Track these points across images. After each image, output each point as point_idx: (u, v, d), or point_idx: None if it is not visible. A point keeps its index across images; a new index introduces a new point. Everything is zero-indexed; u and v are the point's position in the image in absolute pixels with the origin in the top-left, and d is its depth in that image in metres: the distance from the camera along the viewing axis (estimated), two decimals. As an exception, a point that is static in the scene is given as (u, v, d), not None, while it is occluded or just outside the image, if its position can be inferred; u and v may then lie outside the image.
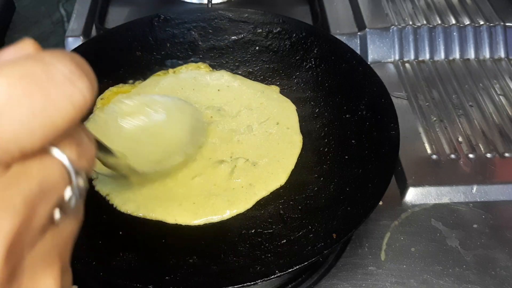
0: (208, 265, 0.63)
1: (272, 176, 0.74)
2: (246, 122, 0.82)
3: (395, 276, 0.70)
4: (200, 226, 0.69)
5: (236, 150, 0.77)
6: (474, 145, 0.86)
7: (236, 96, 0.86)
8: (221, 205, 0.70)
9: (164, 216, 0.68)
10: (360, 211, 0.66)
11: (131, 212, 0.69)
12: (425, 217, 0.77)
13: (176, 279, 0.60)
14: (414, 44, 1.05)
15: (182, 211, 0.69)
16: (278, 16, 0.95)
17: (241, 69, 0.93)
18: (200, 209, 0.69)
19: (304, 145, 0.80)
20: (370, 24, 1.06)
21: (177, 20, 0.96)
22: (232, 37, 0.95)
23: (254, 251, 0.64)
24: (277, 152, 0.77)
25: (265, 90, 0.88)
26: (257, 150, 0.77)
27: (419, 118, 0.91)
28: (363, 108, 0.80)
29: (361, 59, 0.87)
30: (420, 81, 0.99)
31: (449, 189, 0.79)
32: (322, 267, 0.71)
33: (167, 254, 0.64)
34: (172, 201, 0.70)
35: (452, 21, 1.07)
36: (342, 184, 0.72)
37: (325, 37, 0.92)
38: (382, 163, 0.71)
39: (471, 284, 0.69)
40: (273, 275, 0.59)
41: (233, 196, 0.71)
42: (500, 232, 0.75)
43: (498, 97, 0.96)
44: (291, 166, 0.76)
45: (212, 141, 0.78)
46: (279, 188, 0.74)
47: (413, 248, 0.73)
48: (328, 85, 0.86)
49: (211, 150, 0.77)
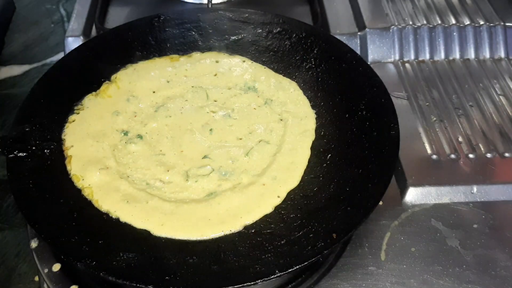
0: (208, 265, 0.63)
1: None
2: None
3: (395, 276, 0.70)
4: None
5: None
6: (474, 145, 0.86)
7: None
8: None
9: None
10: (360, 211, 0.66)
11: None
12: (425, 217, 0.77)
13: (176, 279, 0.60)
14: (414, 44, 1.05)
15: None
16: (278, 16, 0.95)
17: (241, 69, 0.93)
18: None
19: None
20: (370, 24, 1.06)
21: (177, 20, 0.96)
22: (232, 37, 0.95)
23: (254, 251, 0.64)
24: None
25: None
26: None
27: (419, 118, 0.91)
28: (363, 108, 0.80)
29: (361, 59, 0.87)
30: (420, 81, 0.99)
31: (449, 189, 0.79)
32: (322, 267, 0.71)
33: (167, 254, 0.64)
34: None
35: (452, 21, 1.07)
36: (342, 184, 0.72)
37: (325, 37, 0.92)
38: (382, 163, 0.71)
39: (471, 284, 0.69)
40: (273, 275, 0.59)
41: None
42: (500, 232, 0.75)
43: (498, 97, 0.96)
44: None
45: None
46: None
47: (413, 248, 0.73)
48: (328, 85, 0.86)
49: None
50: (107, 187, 0.73)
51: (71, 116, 0.82)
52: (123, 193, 0.72)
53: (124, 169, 0.76)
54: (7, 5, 1.30)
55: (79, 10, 1.10)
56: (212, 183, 0.74)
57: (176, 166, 0.76)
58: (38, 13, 1.33)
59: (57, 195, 0.70)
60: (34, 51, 1.22)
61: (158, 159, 0.77)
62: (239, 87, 0.89)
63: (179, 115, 0.84)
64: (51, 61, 1.19)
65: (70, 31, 1.05)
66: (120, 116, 0.83)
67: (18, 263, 0.81)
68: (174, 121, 0.83)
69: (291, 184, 0.74)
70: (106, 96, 0.85)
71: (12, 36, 1.26)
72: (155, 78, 0.89)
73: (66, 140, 0.78)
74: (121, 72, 0.89)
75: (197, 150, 0.79)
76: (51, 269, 0.71)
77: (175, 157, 0.78)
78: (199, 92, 0.87)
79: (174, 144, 0.80)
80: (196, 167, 0.76)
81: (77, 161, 0.75)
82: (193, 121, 0.83)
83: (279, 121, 0.83)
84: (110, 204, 0.70)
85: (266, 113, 0.84)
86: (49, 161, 0.75)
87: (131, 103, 0.85)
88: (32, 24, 1.29)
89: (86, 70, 0.88)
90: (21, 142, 0.75)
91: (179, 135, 0.81)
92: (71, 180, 0.73)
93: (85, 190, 0.72)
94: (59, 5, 1.35)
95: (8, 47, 1.23)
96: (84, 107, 0.83)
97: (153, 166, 0.76)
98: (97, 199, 0.71)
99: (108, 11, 1.14)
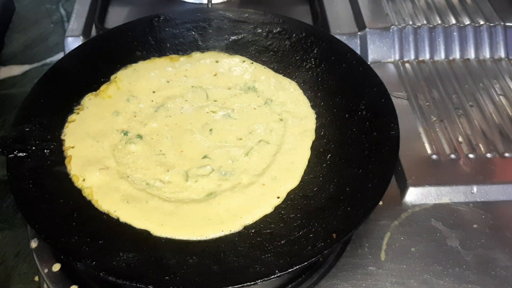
0: (208, 265, 0.63)
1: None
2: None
3: (395, 276, 0.70)
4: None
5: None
6: (474, 145, 0.86)
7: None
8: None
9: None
10: (360, 211, 0.66)
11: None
12: (425, 217, 0.77)
13: (176, 279, 0.60)
14: (414, 44, 1.05)
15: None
16: (278, 16, 0.95)
17: (241, 69, 0.93)
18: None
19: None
20: (370, 24, 1.06)
21: (177, 20, 0.96)
22: (232, 37, 0.95)
23: (254, 251, 0.64)
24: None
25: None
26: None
27: (419, 118, 0.91)
28: (363, 108, 0.80)
29: (361, 59, 0.87)
30: (420, 81, 0.99)
31: (449, 189, 0.79)
32: (322, 267, 0.71)
33: (167, 254, 0.64)
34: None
35: (452, 21, 1.07)
36: (342, 184, 0.72)
37: (325, 37, 0.92)
38: (382, 163, 0.71)
39: (471, 284, 0.69)
40: (273, 275, 0.59)
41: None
42: (500, 232, 0.75)
43: (498, 97, 0.96)
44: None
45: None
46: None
47: (413, 248, 0.73)
48: (328, 85, 0.86)
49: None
50: (107, 187, 0.73)
51: (71, 116, 0.82)
52: (123, 193, 0.72)
53: (124, 169, 0.76)
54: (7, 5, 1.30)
55: (79, 10, 1.10)
56: (212, 183, 0.74)
57: (176, 166, 0.76)
58: (38, 13, 1.33)
59: (57, 195, 0.70)
60: (34, 51, 1.22)
61: (158, 159, 0.77)
62: (239, 87, 0.89)
63: (179, 115, 0.84)
64: (51, 61, 1.19)
65: (70, 31, 1.05)
66: (120, 116, 0.83)
67: (18, 263, 0.82)
68: (174, 121, 0.83)
69: (291, 184, 0.74)
70: (106, 96, 0.85)
71: (12, 36, 1.26)
72: (155, 78, 0.89)
73: (66, 140, 0.78)
74: (121, 72, 0.89)
75: (197, 150, 0.79)
76: (51, 269, 0.71)
77: (175, 157, 0.78)
78: (199, 92, 0.87)
79: (174, 144, 0.80)
80: (196, 167, 0.76)
81: (77, 161, 0.75)
82: (193, 121, 0.83)
83: (279, 121, 0.83)
84: (110, 204, 0.70)
85: (266, 113, 0.84)
86: (49, 161, 0.75)
87: (131, 103, 0.85)
88: (32, 24, 1.29)
89: (86, 70, 0.88)
90: (21, 142, 0.75)
91: (179, 135, 0.81)
92: (71, 180, 0.73)
93: (85, 190, 0.72)
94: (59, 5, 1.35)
95: (8, 47, 1.23)
96: (84, 107, 0.83)
97: (153, 166, 0.76)
98: (97, 199, 0.71)
99: (108, 11, 1.14)
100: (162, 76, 0.90)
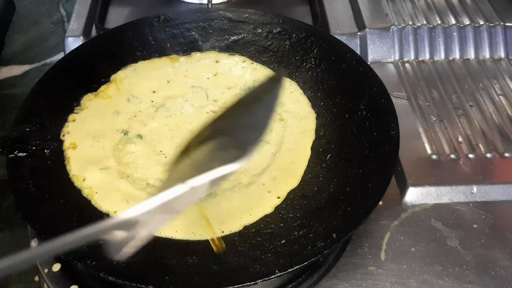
0: (208, 265, 0.63)
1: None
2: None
3: (395, 276, 0.70)
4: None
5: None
6: (474, 145, 0.86)
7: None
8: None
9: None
10: (360, 211, 0.66)
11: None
12: (425, 217, 0.77)
13: (176, 279, 0.60)
14: (414, 44, 1.05)
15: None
16: (278, 16, 0.95)
17: (241, 69, 0.93)
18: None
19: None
20: (370, 24, 1.06)
21: (177, 20, 0.96)
22: (232, 37, 0.95)
23: (254, 251, 0.64)
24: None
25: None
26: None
27: (419, 118, 0.91)
28: (363, 108, 0.80)
29: (361, 59, 0.87)
30: (420, 81, 0.99)
31: (449, 189, 0.79)
32: (322, 267, 0.71)
33: (167, 254, 0.64)
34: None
35: (452, 21, 1.07)
36: (342, 184, 0.72)
37: (325, 37, 0.92)
38: (382, 163, 0.71)
39: (471, 284, 0.69)
40: (273, 275, 0.59)
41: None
42: (500, 232, 0.75)
43: (498, 97, 0.96)
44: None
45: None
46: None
47: (413, 248, 0.73)
48: (328, 85, 0.86)
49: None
50: (107, 187, 0.73)
51: (71, 116, 0.82)
52: (123, 193, 0.72)
53: (124, 169, 0.76)
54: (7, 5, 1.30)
55: (79, 10, 1.10)
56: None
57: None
58: (38, 13, 1.33)
59: (57, 195, 0.70)
60: (34, 51, 1.22)
61: (158, 159, 0.77)
62: (239, 87, 0.89)
63: (179, 115, 0.84)
64: (51, 61, 1.19)
65: (70, 31, 1.05)
66: (120, 116, 0.83)
67: (18, 263, 0.81)
68: (175, 121, 0.83)
69: (291, 184, 0.74)
70: (106, 96, 0.86)
71: (12, 36, 1.26)
72: (155, 78, 0.89)
73: (66, 140, 0.78)
74: (121, 72, 0.89)
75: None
76: (51, 269, 0.71)
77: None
78: (199, 92, 0.87)
79: (174, 144, 0.80)
80: (196, 167, 0.76)
81: (77, 161, 0.75)
82: (193, 121, 0.83)
83: (279, 121, 0.83)
84: (110, 204, 0.70)
85: None
86: (49, 161, 0.75)
87: (131, 103, 0.85)
88: (32, 24, 1.29)
89: (86, 70, 0.88)
90: (21, 142, 0.75)
91: (179, 135, 0.81)
92: (71, 180, 0.73)
93: (85, 190, 0.72)
94: (59, 5, 1.35)
95: (8, 47, 1.23)
96: (84, 107, 0.83)
97: (153, 166, 0.76)
98: (97, 199, 0.71)
99: (108, 11, 1.14)
100: (162, 76, 0.90)
